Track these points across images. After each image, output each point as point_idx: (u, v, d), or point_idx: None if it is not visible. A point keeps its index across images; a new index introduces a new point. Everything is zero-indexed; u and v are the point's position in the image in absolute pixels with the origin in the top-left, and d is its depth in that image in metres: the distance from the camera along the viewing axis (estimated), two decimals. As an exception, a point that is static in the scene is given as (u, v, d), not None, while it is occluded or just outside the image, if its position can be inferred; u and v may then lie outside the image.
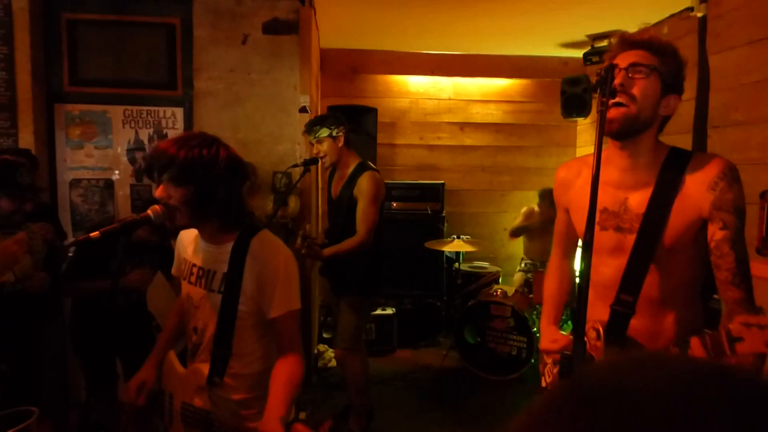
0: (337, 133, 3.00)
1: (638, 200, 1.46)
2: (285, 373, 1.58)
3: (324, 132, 2.98)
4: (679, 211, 1.40)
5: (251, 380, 1.68)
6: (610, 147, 1.53)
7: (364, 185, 2.99)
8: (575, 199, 1.63)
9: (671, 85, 1.43)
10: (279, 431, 1.40)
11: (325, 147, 3.01)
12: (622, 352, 1.42)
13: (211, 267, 1.66)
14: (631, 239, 1.46)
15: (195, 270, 1.70)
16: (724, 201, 1.36)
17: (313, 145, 3.08)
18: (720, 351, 1.11)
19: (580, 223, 1.60)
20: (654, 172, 1.45)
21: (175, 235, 1.84)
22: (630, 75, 1.39)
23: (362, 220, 2.97)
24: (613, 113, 1.39)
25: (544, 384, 1.79)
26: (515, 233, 4.90)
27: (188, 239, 1.76)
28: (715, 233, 1.37)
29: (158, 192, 1.49)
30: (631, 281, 1.44)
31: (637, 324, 1.46)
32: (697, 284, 1.51)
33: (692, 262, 1.47)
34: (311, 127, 3.02)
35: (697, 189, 1.39)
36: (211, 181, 1.51)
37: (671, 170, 1.43)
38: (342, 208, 3.06)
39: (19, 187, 2.37)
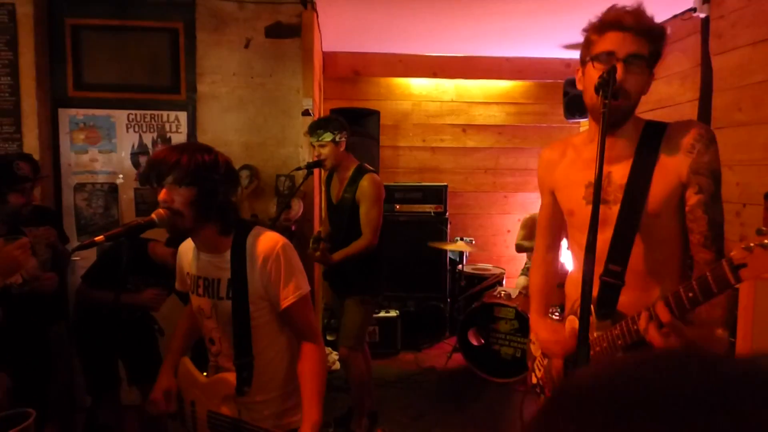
0: (339, 137, 3.02)
1: (620, 172, 1.46)
2: (309, 370, 1.63)
3: (327, 136, 2.99)
4: (660, 178, 1.41)
5: (276, 380, 1.72)
6: (591, 125, 1.55)
7: (365, 188, 3.01)
8: (561, 178, 1.63)
9: (653, 67, 1.43)
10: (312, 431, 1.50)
11: (326, 150, 3.02)
12: (613, 327, 1.41)
13: (215, 275, 1.68)
14: (615, 210, 1.46)
15: (200, 282, 1.71)
16: (701, 164, 1.37)
17: (314, 147, 3.09)
18: (708, 292, 1.10)
19: (567, 200, 1.61)
20: (633, 145, 1.46)
21: None
22: (627, 68, 1.36)
23: (367, 223, 3.00)
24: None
25: (534, 381, 1.77)
26: (520, 250, 4.92)
27: (187, 253, 1.78)
28: (691, 197, 1.39)
29: (161, 195, 1.51)
30: (618, 251, 1.43)
31: (625, 298, 1.45)
32: (684, 258, 1.50)
33: (678, 234, 1.46)
34: (315, 130, 3.03)
35: (675, 154, 1.40)
36: (213, 184, 1.56)
37: (649, 140, 1.44)
38: (344, 212, 3.08)
39: (20, 179, 2.40)
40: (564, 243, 1.82)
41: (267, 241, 1.63)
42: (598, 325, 1.45)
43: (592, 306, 1.44)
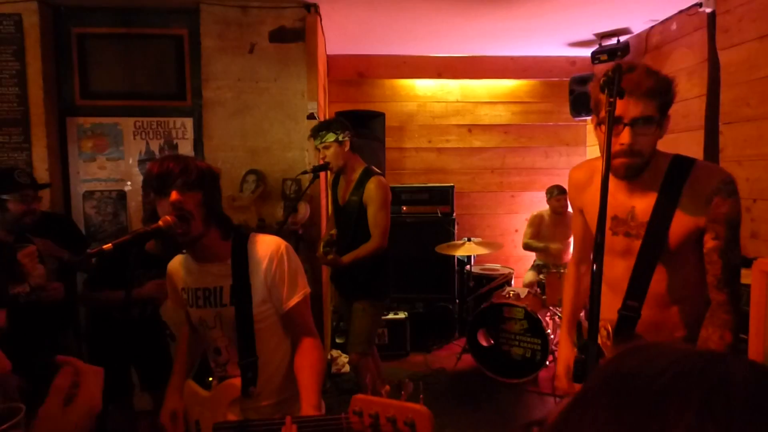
0: (343, 138, 3.00)
1: (643, 208, 1.58)
2: (307, 362, 1.63)
3: (330, 137, 2.98)
4: (679, 221, 1.52)
5: (284, 383, 1.73)
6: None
7: (372, 191, 2.99)
8: (589, 203, 1.72)
9: (664, 116, 1.49)
10: (314, 412, 1.48)
11: (331, 152, 3.01)
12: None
13: (216, 284, 1.68)
14: (637, 244, 1.58)
15: (200, 293, 1.71)
16: (718, 214, 1.48)
17: (319, 150, 3.08)
18: None
19: (594, 225, 1.71)
20: (658, 180, 1.55)
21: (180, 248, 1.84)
22: (635, 131, 1.45)
23: (375, 225, 2.99)
24: (618, 162, 1.48)
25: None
26: (528, 249, 4.92)
27: (178, 271, 1.79)
28: (708, 242, 1.51)
29: (173, 197, 1.52)
30: (637, 287, 1.57)
31: (646, 315, 1.57)
32: (700, 281, 1.59)
33: (695, 263, 1.57)
34: (317, 132, 3.02)
35: (695, 202, 1.50)
36: (214, 189, 1.63)
37: (673, 180, 1.53)
38: (351, 214, 3.07)
39: (20, 187, 2.41)
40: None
41: (269, 245, 1.66)
42: (615, 349, 1.58)
43: (610, 330, 1.61)
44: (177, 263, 1.79)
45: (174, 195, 1.52)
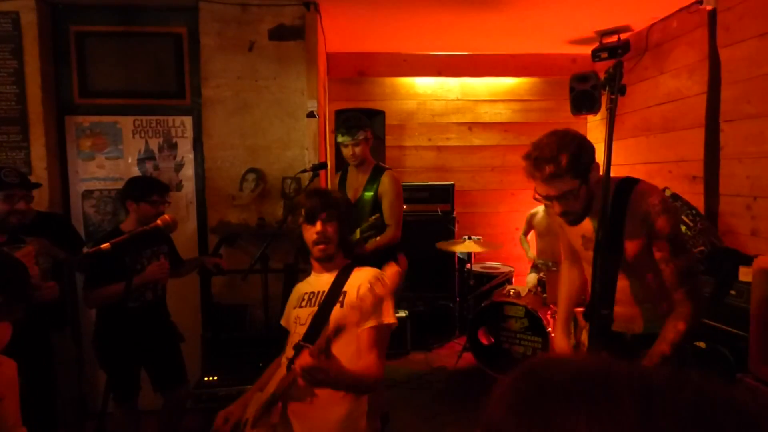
0: (368, 135, 3.16)
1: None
2: (360, 369, 1.72)
3: (361, 134, 3.11)
4: (629, 240, 1.76)
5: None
6: None
7: (387, 184, 3.13)
8: (565, 226, 1.95)
9: (587, 169, 1.68)
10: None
11: (359, 149, 3.13)
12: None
13: (321, 288, 1.94)
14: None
15: (306, 296, 1.97)
16: (655, 231, 1.70)
17: (347, 146, 3.15)
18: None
19: (572, 243, 2.03)
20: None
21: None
22: (562, 201, 1.71)
23: (391, 216, 3.11)
24: (563, 220, 1.80)
25: None
26: (522, 244, 5.07)
27: (302, 282, 2.09)
28: (656, 254, 1.74)
29: (318, 227, 1.88)
30: (605, 296, 1.77)
31: (618, 311, 1.81)
32: (659, 290, 1.80)
33: (655, 275, 1.78)
34: (350, 129, 3.12)
35: (635, 222, 1.74)
36: (348, 218, 1.99)
37: (618, 207, 1.75)
38: (365, 209, 3.13)
39: (5, 186, 2.40)
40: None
41: (368, 272, 1.92)
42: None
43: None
44: (301, 284, 2.09)
45: (318, 227, 1.88)
